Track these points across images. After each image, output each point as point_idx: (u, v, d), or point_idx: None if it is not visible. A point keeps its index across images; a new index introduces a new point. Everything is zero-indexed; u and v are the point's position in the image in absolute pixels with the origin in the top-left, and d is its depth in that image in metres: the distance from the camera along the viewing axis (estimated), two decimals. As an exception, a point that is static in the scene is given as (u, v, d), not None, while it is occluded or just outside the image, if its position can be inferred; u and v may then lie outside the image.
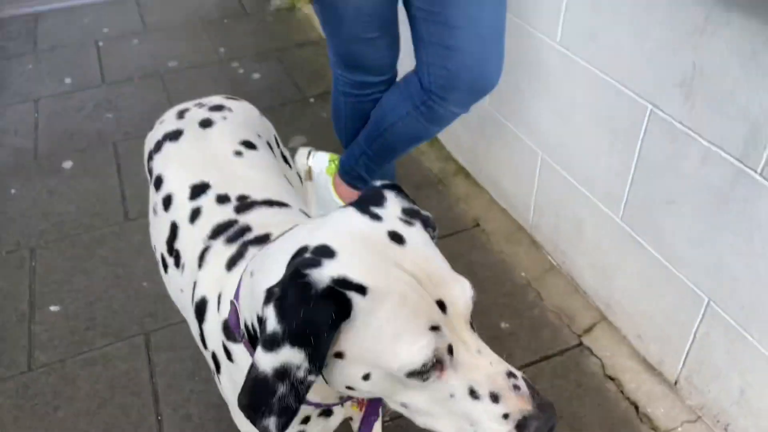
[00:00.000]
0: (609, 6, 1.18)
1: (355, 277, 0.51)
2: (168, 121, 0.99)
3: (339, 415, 0.74)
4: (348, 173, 1.52)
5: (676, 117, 1.09)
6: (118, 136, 2.15)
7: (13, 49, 2.69)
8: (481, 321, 1.42)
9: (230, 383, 0.70)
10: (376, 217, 0.56)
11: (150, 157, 0.96)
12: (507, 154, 1.69)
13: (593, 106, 1.30)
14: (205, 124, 0.94)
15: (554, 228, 1.57)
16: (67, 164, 2.03)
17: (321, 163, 1.60)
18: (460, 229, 1.76)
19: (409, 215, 0.57)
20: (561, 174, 1.47)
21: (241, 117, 0.98)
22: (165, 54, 2.64)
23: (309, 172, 1.61)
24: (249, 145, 0.91)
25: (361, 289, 0.50)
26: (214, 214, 0.77)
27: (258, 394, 0.51)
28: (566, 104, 1.39)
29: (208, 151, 0.88)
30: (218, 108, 0.98)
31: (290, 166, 1.10)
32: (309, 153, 1.63)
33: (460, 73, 1.26)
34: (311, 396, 0.58)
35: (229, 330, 0.64)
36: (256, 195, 0.79)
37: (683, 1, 1.01)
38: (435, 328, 0.52)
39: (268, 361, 0.50)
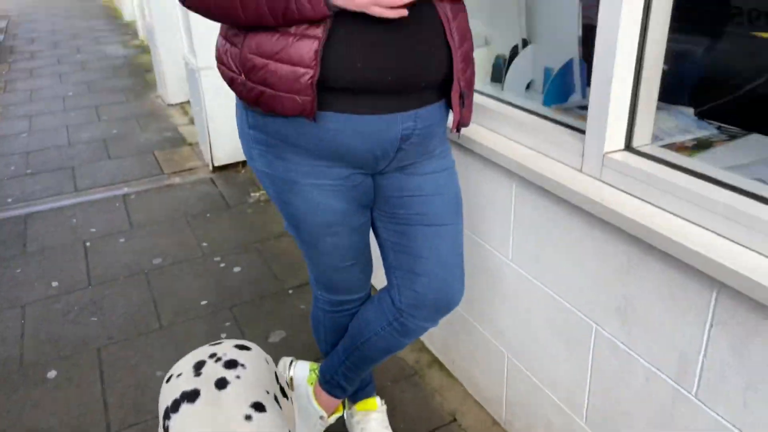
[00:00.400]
0: (547, 236, 1.38)
1: None
2: (185, 377, 1.07)
3: None
4: (328, 382, 1.61)
5: (617, 338, 1.24)
6: (102, 341, 2.22)
7: (3, 252, 2.83)
8: None
9: None
10: None
11: (167, 415, 1.03)
12: (476, 351, 1.81)
13: (547, 317, 1.45)
14: (221, 384, 1.04)
15: (527, 425, 1.65)
16: (51, 374, 2.07)
17: (302, 372, 1.69)
18: (438, 426, 1.82)
19: None
20: (527, 375, 1.59)
21: (252, 376, 1.08)
22: (150, 251, 2.80)
23: (290, 382, 1.69)
24: (259, 407, 1.01)
25: None
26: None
27: None
28: (524, 313, 1.54)
29: (221, 417, 0.97)
30: (233, 365, 1.09)
31: (287, 397, 1.19)
32: (290, 363, 1.72)
33: (428, 294, 1.41)
34: None
35: None
36: None
37: (608, 242, 1.21)
38: None
39: None
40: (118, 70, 5.94)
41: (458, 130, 1.33)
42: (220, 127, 3.54)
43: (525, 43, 1.69)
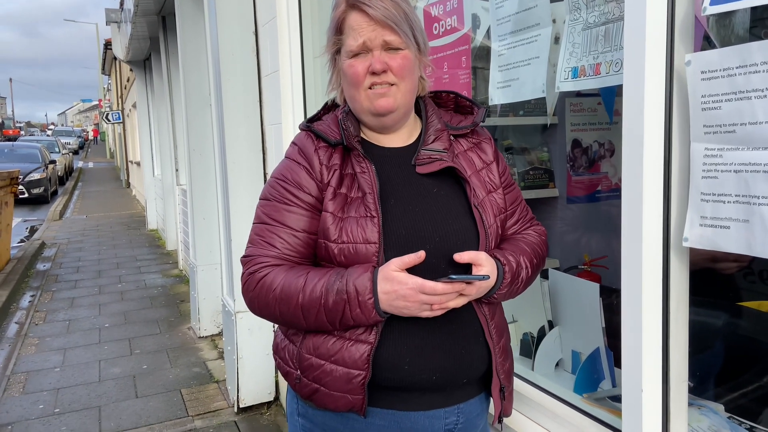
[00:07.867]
0: None
1: None
2: None
3: None
4: None
5: None
6: None
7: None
8: None
9: None
10: None
11: None
12: None
13: None
14: None
15: None
16: None
17: None
18: None
19: None
20: None
21: None
22: None
23: None
24: None
25: None
26: None
27: None
28: None
29: None
30: None
31: None
32: None
33: None
34: None
35: None
36: None
37: None
38: None
39: None
40: (155, 300, 6.23)
41: (500, 421, 1.38)
42: (249, 366, 3.62)
43: (551, 324, 1.82)
